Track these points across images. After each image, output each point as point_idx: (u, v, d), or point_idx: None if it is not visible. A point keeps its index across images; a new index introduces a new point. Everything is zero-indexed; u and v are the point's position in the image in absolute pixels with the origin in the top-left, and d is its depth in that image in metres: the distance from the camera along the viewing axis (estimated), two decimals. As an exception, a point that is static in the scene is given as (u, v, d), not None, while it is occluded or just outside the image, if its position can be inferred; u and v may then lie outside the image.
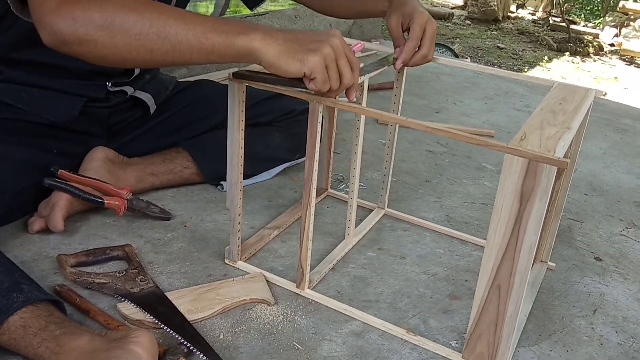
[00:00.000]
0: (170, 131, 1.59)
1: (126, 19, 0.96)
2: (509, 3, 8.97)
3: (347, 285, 1.26)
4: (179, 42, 0.97)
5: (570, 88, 1.19)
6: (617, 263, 1.45)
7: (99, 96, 1.44)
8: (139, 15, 0.97)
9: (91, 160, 1.41)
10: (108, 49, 0.98)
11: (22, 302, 0.96)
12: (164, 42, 0.97)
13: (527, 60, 6.69)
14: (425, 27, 1.28)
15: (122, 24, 0.96)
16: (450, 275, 1.33)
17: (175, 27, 0.97)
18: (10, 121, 1.34)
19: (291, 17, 3.06)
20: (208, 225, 1.42)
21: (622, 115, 2.70)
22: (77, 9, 0.97)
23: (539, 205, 0.89)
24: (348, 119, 2.09)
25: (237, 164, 1.18)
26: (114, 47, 0.98)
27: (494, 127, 2.32)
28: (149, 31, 0.97)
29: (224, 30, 0.98)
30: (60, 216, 1.27)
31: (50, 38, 0.99)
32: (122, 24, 0.96)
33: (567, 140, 0.93)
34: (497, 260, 0.95)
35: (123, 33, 0.96)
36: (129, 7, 0.97)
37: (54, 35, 0.98)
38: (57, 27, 0.97)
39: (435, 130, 0.96)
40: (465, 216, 1.60)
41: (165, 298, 1.12)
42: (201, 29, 0.97)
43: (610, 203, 1.78)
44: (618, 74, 6.56)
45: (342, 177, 1.74)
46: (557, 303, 1.27)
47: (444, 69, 3.09)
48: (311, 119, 1.07)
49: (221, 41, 0.97)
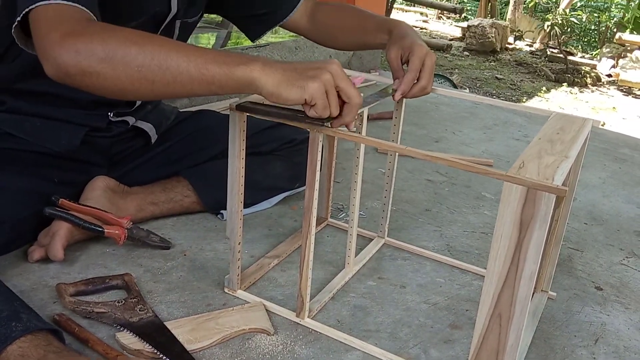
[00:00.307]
0: (171, 161, 1.59)
1: (128, 51, 0.98)
2: (507, 35, 9.06)
3: (347, 315, 1.25)
4: (180, 74, 0.98)
5: (568, 118, 1.20)
6: (618, 292, 1.45)
7: (100, 126, 1.45)
8: (140, 48, 0.98)
9: (92, 189, 1.41)
10: (110, 81, 0.99)
11: (21, 331, 0.96)
12: (165, 74, 0.98)
13: (526, 90, 6.74)
14: (425, 59, 1.29)
15: (124, 57, 0.98)
16: (451, 305, 1.32)
17: (176, 59, 0.98)
18: (12, 151, 1.34)
19: (292, 49, 3.08)
20: (208, 255, 1.42)
21: (620, 145, 2.71)
22: (80, 42, 0.98)
23: (539, 233, 0.89)
24: (348, 148, 2.10)
25: (238, 193, 1.18)
26: (116, 79, 0.99)
27: (493, 156, 2.33)
28: (150, 63, 0.98)
29: (224, 61, 0.99)
30: (60, 245, 1.27)
31: (53, 70, 1.00)
32: (124, 57, 0.98)
33: (565, 168, 0.93)
34: (497, 289, 0.95)
35: (125, 65, 0.98)
36: (130, 40, 0.99)
37: (57, 67, 0.99)
38: (61, 59, 0.98)
39: (434, 159, 0.97)
40: (465, 245, 1.60)
41: (164, 327, 1.12)
42: (202, 60, 0.98)
43: (610, 232, 1.78)
44: (616, 104, 6.60)
45: (342, 206, 1.74)
46: (558, 333, 1.27)
47: (443, 99, 3.11)
48: (311, 148, 1.08)
49: (222, 72, 0.98)
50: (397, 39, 1.35)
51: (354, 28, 1.49)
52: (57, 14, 1.03)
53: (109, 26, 1.03)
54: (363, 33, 1.47)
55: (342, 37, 1.50)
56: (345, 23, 1.50)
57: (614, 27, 9.69)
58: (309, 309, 1.21)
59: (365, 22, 1.48)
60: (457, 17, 11.04)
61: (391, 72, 1.34)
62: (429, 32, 10.22)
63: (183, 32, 1.48)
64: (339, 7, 1.55)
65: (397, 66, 1.32)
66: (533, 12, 11.63)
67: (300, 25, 1.57)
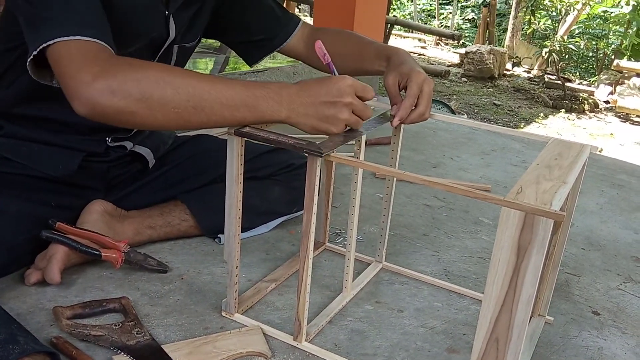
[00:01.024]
0: (168, 185, 1.60)
1: (164, 93, 1.04)
2: (505, 61, 9.12)
3: (344, 339, 1.25)
4: (214, 115, 1.07)
5: (566, 144, 1.21)
6: (615, 317, 1.45)
7: (98, 151, 1.45)
8: (175, 90, 1.04)
9: (89, 213, 1.41)
10: (147, 119, 1.07)
11: (18, 354, 0.95)
12: (200, 115, 1.07)
13: (523, 116, 6.77)
14: (423, 86, 1.29)
15: (160, 99, 1.04)
16: (448, 329, 1.32)
17: (210, 102, 1.06)
18: (9, 175, 1.35)
19: (289, 74, 3.11)
20: (205, 278, 1.42)
21: (617, 170, 2.72)
22: (114, 82, 1.02)
23: (537, 258, 0.89)
24: (346, 173, 2.11)
25: (235, 217, 1.18)
26: (153, 118, 1.06)
27: (490, 182, 2.34)
28: (186, 105, 1.05)
29: (254, 105, 1.09)
30: (57, 268, 1.27)
31: (86, 110, 1.05)
32: (160, 99, 1.04)
33: (563, 194, 0.94)
34: (495, 313, 0.95)
35: (162, 106, 1.05)
36: (164, 80, 1.04)
37: (91, 107, 1.04)
38: (95, 99, 1.03)
39: (432, 184, 0.97)
40: (463, 270, 1.60)
41: (161, 351, 1.11)
42: (233, 104, 1.08)
43: (607, 258, 1.78)
44: (614, 131, 6.63)
45: (340, 231, 1.74)
46: (555, 357, 1.27)
47: (441, 125, 3.13)
48: (309, 173, 1.08)
49: (251, 116, 1.10)
50: (395, 65, 1.36)
51: (352, 54, 1.50)
52: (80, 51, 1.07)
53: (136, 62, 1.08)
54: (361, 59, 1.48)
55: (340, 62, 1.51)
56: (343, 49, 1.51)
57: (611, 54, 9.76)
58: (306, 333, 1.21)
59: (363, 49, 1.49)
60: (455, 44, 11.12)
61: (389, 99, 1.35)
62: (427, 58, 10.29)
63: (181, 56, 1.49)
64: (337, 33, 1.57)
65: (395, 92, 1.33)
66: (531, 39, 11.73)
67: (298, 50, 1.58)
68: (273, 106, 1.10)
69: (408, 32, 12.27)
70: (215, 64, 3.20)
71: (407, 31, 12.31)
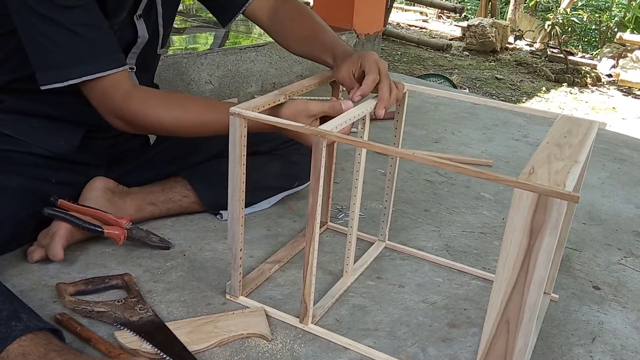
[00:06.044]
0: (169, 161, 1.59)
1: (187, 117, 1.28)
2: (507, 34, 9.05)
3: (346, 314, 1.26)
4: (225, 131, 1.17)
5: (574, 120, 1.19)
6: (616, 292, 1.46)
7: (100, 125, 1.45)
8: (195, 115, 1.28)
9: (91, 190, 1.41)
10: (172, 134, 1.35)
11: (22, 330, 0.96)
12: (217, 132, 1.25)
13: (525, 90, 6.74)
14: (379, 64, 1.28)
15: (186, 121, 1.28)
16: (449, 304, 1.33)
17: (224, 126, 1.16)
18: (10, 152, 1.35)
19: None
20: (207, 254, 1.43)
21: (620, 145, 2.71)
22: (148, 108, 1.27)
23: (549, 240, 0.88)
24: (347, 148, 2.11)
25: (239, 199, 1.17)
26: (177, 133, 1.32)
27: (492, 156, 2.33)
28: (206, 130, 1.28)
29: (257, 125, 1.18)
30: (59, 245, 1.27)
31: (122, 124, 1.28)
32: (186, 121, 1.28)
33: (575, 173, 0.92)
34: (506, 295, 0.94)
35: (185, 127, 1.28)
36: (185, 108, 1.29)
37: (125, 122, 1.28)
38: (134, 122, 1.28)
39: (442, 165, 0.95)
40: (464, 245, 1.60)
41: (164, 326, 1.12)
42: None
43: (608, 232, 1.79)
44: (616, 105, 6.60)
45: (342, 207, 1.74)
46: (556, 332, 1.27)
47: (442, 100, 3.11)
48: (315, 154, 1.07)
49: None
50: (342, 59, 1.35)
51: (306, 39, 1.48)
52: (112, 84, 1.24)
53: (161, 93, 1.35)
54: (311, 47, 1.46)
55: (295, 44, 1.50)
56: (299, 31, 1.50)
57: (614, 26, 9.67)
58: (312, 315, 1.21)
59: (315, 37, 1.46)
60: (457, 17, 11.02)
61: (347, 91, 1.33)
62: (429, 31, 10.21)
63: (167, 7, 1.49)
64: (298, 12, 1.53)
65: (351, 82, 1.31)
66: (534, 12, 11.62)
67: (262, 19, 1.55)
68: None
69: (409, 5, 12.17)
70: (215, 38, 3.17)
71: (408, 4, 12.20)
